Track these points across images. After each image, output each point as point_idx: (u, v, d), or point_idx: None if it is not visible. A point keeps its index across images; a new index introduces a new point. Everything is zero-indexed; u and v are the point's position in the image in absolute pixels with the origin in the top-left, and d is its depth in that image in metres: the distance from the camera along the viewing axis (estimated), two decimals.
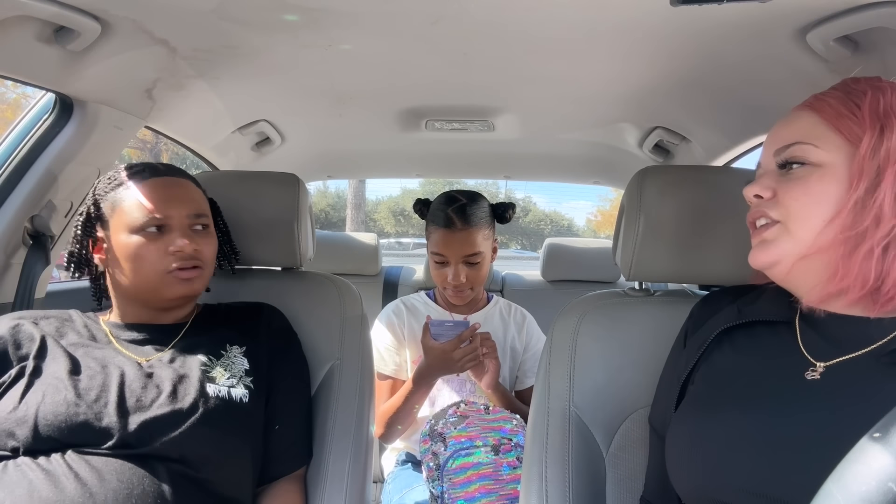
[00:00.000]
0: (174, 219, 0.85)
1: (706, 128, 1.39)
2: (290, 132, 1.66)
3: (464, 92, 1.32)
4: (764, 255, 0.64)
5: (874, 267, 0.56)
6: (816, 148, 0.60)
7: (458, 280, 1.32)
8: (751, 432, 0.59)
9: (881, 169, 0.56)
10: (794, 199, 0.61)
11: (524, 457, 0.90)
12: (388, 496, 1.31)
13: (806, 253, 0.61)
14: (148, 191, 0.84)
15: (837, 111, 0.60)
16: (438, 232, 1.32)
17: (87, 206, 0.87)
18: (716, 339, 0.70)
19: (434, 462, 1.13)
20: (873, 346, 0.57)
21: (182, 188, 0.88)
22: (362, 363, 1.02)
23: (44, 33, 0.90)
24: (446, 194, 1.38)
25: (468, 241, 1.30)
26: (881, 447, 0.38)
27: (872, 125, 0.57)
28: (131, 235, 0.82)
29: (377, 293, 2.08)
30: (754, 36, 0.90)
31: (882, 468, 0.37)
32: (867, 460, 0.39)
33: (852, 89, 0.60)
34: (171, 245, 0.83)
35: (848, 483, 0.39)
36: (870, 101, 0.58)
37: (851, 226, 0.57)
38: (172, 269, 0.83)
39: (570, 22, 0.92)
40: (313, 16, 0.91)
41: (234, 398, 0.81)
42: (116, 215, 0.84)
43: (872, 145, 0.56)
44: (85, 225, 0.86)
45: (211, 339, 0.87)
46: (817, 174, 0.60)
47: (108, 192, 0.86)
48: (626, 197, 0.96)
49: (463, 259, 1.31)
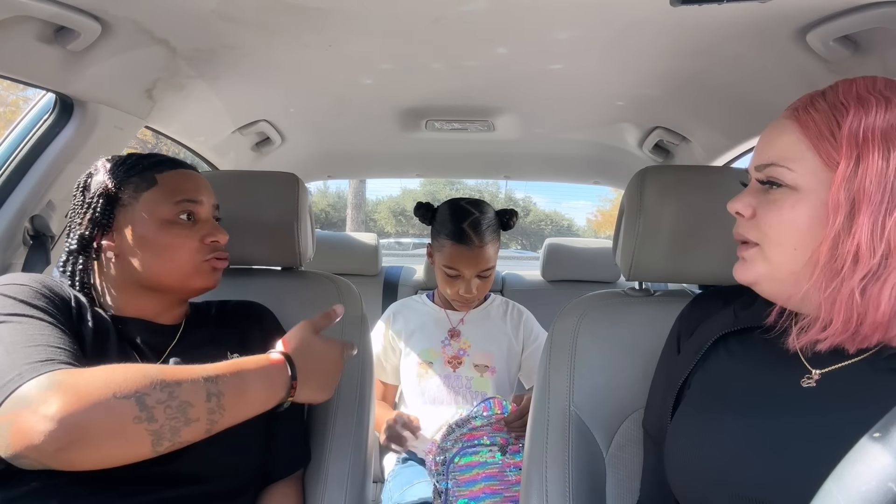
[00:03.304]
0: (205, 209, 0.84)
1: (706, 128, 1.39)
2: (290, 132, 1.66)
3: (464, 92, 1.32)
4: (743, 274, 0.63)
5: (855, 309, 0.53)
6: (791, 171, 0.57)
7: (471, 292, 1.33)
8: (748, 439, 0.58)
9: (857, 202, 0.52)
10: (769, 224, 0.59)
11: (524, 456, 0.90)
12: (388, 494, 1.31)
13: (784, 278, 0.59)
14: (178, 179, 0.83)
15: (819, 130, 0.56)
16: (453, 248, 1.30)
17: (103, 188, 0.80)
18: (712, 344, 0.70)
19: (441, 456, 1.13)
20: (869, 353, 0.56)
21: (204, 180, 0.88)
22: (362, 364, 1.02)
23: (44, 33, 0.90)
24: (455, 204, 1.36)
25: (483, 257, 1.31)
26: (881, 447, 0.38)
27: (849, 152, 0.53)
28: (162, 223, 0.80)
29: (377, 293, 2.08)
30: (754, 36, 0.90)
31: (882, 468, 0.37)
32: (867, 460, 0.39)
33: (837, 104, 0.56)
34: (209, 236, 0.83)
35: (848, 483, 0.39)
36: (850, 121, 0.53)
37: (829, 262, 0.54)
38: (209, 258, 0.82)
39: (570, 22, 0.92)
40: (313, 16, 0.91)
41: None
42: (144, 202, 0.80)
43: (848, 175, 0.52)
44: (104, 208, 0.80)
45: (210, 346, 0.84)
46: (791, 200, 0.57)
47: (132, 176, 0.81)
48: (626, 197, 0.96)
49: (477, 273, 1.32)
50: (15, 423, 0.57)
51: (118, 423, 0.58)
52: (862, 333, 0.54)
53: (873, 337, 0.54)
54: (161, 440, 0.61)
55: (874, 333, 0.54)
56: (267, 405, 0.71)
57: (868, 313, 0.53)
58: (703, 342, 0.71)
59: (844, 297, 0.53)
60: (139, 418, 0.59)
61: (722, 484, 0.59)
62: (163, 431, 0.61)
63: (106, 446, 0.58)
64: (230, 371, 0.68)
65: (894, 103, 0.53)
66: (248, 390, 0.68)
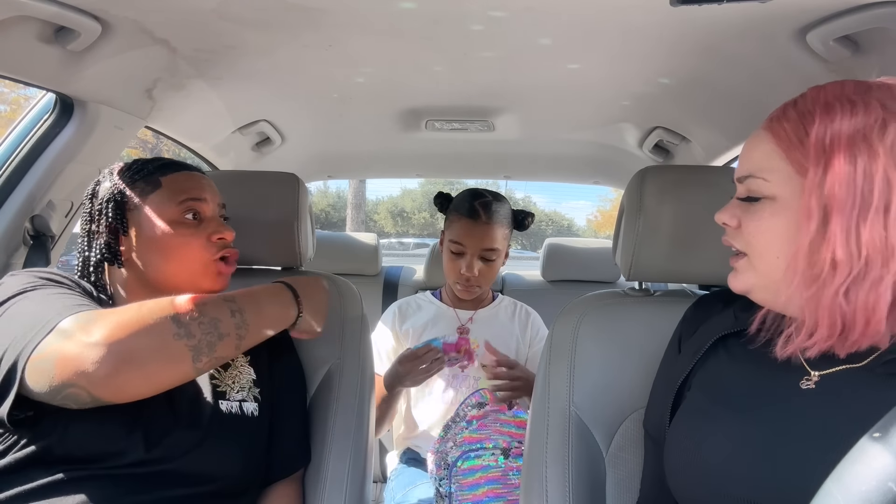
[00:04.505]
0: (210, 208, 0.85)
1: (706, 128, 1.39)
2: (290, 132, 1.66)
3: (464, 92, 1.32)
4: (735, 284, 0.65)
5: (839, 314, 0.53)
6: (767, 182, 0.58)
7: (472, 272, 1.33)
8: (747, 441, 0.59)
9: (828, 208, 0.52)
10: (752, 234, 0.60)
11: (524, 456, 0.90)
12: (391, 493, 1.31)
13: (773, 286, 0.60)
14: (182, 180, 0.84)
15: (789, 139, 0.56)
16: (461, 221, 1.34)
17: (111, 194, 0.81)
18: (711, 345, 0.70)
19: (442, 461, 1.13)
20: (869, 356, 0.56)
21: (208, 179, 0.88)
22: (362, 363, 1.02)
23: (44, 33, 0.90)
24: (472, 189, 1.41)
25: (489, 234, 1.33)
26: (881, 447, 0.38)
27: (816, 159, 0.53)
28: (169, 224, 0.81)
29: (377, 293, 2.08)
30: (754, 36, 0.90)
31: (882, 468, 0.37)
32: (867, 460, 0.39)
33: (805, 112, 0.56)
34: (215, 233, 0.83)
35: (848, 483, 0.39)
36: (817, 129, 0.54)
37: (807, 269, 0.54)
38: (217, 257, 0.83)
39: (570, 22, 0.92)
40: (313, 16, 0.91)
41: (246, 413, 0.81)
42: (150, 204, 0.81)
43: (817, 182, 0.53)
44: (116, 212, 0.81)
45: None
46: (770, 209, 0.58)
47: (137, 180, 0.82)
48: (626, 197, 0.96)
49: (480, 252, 1.33)
50: (60, 353, 0.60)
51: (160, 341, 0.63)
52: (850, 339, 0.54)
53: (863, 341, 0.54)
54: (200, 355, 0.66)
55: (863, 338, 0.54)
56: (282, 322, 0.79)
57: (854, 318, 0.53)
58: (703, 343, 0.71)
59: (827, 303, 0.54)
60: (178, 335, 0.64)
61: (720, 485, 0.59)
62: (200, 346, 0.66)
63: (151, 366, 0.63)
64: (244, 292, 0.75)
65: (860, 107, 0.53)
66: (263, 308, 0.76)
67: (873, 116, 0.52)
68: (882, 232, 0.51)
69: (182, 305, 0.67)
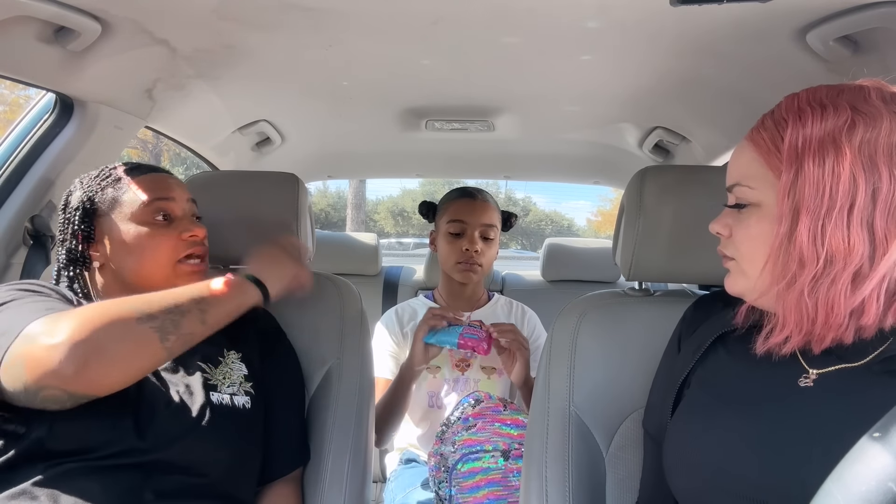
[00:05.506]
0: (180, 207, 0.86)
1: (706, 128, 1.39)
2: (290, 132, 1.66)
3: (464, 92, 1.32)
4: (729, 287, 0.66)
5: (804, 311, 0.55)
6: (752, 189, 0.60)
7: (475, 245, 1.33)
8: (746, 438, 0.59)
9: (797, 210, 0.55)
10: (740, 241, 0.62)
11: (524, 456, 0.90)
12: (390, 495, 1.31)
13: (762, 289, 0.61)
14: (150, 182, 0.85)
15: (767, 147, 0.59)
16: (459, 202, 1.37)
17: (80, 202, 0.83)
18: (711, 343, 0.71)
19: (442, 464, 1.12)
20: (867, 354, 0.57)
21: (176, 178, 0.90)
22: (362, 363, 1.02)
23: (44, 33, 0.90)
24: (458, 187, 1.44)
25: (487, 210, 1.36)
26: (881, 447, 0.38)
27: (789, 163, 0.56)
28: (139, 226, 0.82)
29: (377, 293, 2.08)
30: (754, 36, 0.90)
31: (882, 468, 0.37)
32: (867, 460, 0.39)
33: (780, 119, 0.58)
34: (184, 231, 0.84)
35: (848, 483, 0.39)
36: (790, 134, 0.56)
37: (782, 268, 0.56)
38: (187, 255, 0.84)
39: (570, 22, 0.92)
40: (313, 16, 0.91)
41: (237, 406, 0.81)
42: (119, 208, 0.83)
43: (789, 185, 0.55)
44: (83, 220, 0.84)
45: (205, 344, 0.83)
46: (756, 215, 0.60)
47: (105, 187, 0.85)
48: (626, 197, 0.96)
49: (480, 227, 1.34)
50: (28, 355, 0.61)
51: (124, 328, 0.65)
52: (816, 334, 0.56)
53: (827, 337, 0.56)
54: (167, 334, 0.68)
55: (827, 334, 0.56)
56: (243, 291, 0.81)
57: (817, 315, 0.55)
58: (703, 341, 0.71)
59: (794, 301, 0.56)
60: (140, 319, 0.66)
61: (719, 482, 0.59)
62: (165, 325, 0.68)
63: (120, 353, 0.64)
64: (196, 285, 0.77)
65: (829, 111, 0.55)
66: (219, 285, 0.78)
67: (843, 118, 0.54)
68: (845, 231, 0.53)
69: (137, 297, 0.70)
